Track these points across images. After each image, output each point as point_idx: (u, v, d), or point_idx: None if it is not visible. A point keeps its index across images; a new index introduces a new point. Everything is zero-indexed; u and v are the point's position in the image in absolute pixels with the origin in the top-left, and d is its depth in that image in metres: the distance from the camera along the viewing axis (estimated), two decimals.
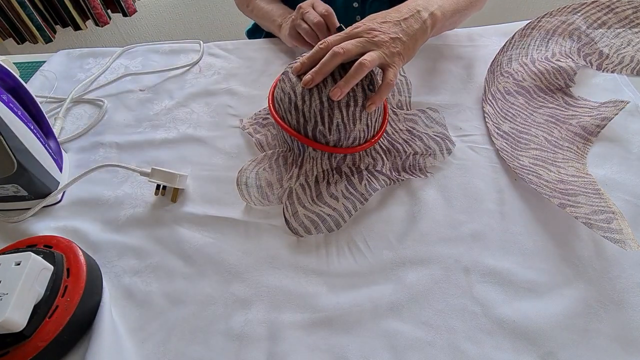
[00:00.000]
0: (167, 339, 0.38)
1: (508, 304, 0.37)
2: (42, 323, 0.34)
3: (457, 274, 0.40)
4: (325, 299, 0.39)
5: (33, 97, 0.50)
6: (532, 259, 0.40)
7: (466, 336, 0.36)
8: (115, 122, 0.60)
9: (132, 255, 0.44)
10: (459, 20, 0.59)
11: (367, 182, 0.46)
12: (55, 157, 0.50)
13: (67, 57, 0.73)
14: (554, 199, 0.42)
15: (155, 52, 0.72)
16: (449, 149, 0.49)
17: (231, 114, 0.59)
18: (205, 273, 0.42)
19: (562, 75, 0.56)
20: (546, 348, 0.34)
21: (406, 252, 0.42)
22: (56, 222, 0.47)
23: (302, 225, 0.44)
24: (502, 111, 0.54)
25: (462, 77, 0.59)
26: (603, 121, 0.50)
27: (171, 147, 0.55)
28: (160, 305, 0.40)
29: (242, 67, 0.67)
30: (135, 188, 0.51)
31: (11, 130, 0.42)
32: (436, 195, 0.46)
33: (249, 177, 0.48)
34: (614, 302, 0.36)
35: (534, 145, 0.49)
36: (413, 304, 0.38)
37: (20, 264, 0.34)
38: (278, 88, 0.47)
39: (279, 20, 0.66)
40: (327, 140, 0.44)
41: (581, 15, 0.62)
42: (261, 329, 0.38)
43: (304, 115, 0.44)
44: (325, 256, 0.42)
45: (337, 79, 0.43)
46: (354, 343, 0.36)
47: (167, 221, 0.47)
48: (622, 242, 0.37)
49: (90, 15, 1.35)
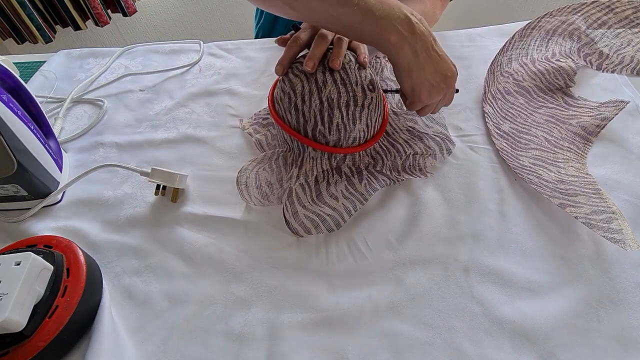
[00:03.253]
0: (167, 339, 0.38)
1: (508, 304, 0.37)
2: (42, 323, 0.34)
3: (457, 274, 0.40)
4: (325, 299, 0.39)
5: (33, 97, 0.50)
6: (532, 259, 0.40)
7: (466, 336, 0.36)
8: (115, 122, 0.60)
9: (132, 255, 0.44)
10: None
11: (367, 182, 0.46)
12: (55, 157, 0.50)
13: (67, 57, 0.73)
14: (554, 199, 0.42)
15: (155, 52, 0.72)
16: (449, 149, 0.49)
17: (231, 114, 0.59)
18: (205, 273, 0.42)
19: (562, 75, 0.56)
20: (546, 348, 0.34)
21: (406, 252, 0.42)
22: (56, 222, 0.47)
23: (302, 225, 0.44)
24: (502, 111, 0.54)
25: (462, 77, 0.59)
26: (603, 121, 0.50)
27: (171, 147, 0.55)
28: (160, 305, 0.40)
29: (242, 67, 0.67)
30: (135, 188, 0.51)
31: (11, 130, 0.42)
32: (436, 195, 0.46)
33: (249, 177, 0.48)
34: (614, 302, 0.36)
35: (534, 145, 0.49)
36: (413, 304, 0.38)
37: (20, 264, 0.34)
38: (278, 88, 0.47)
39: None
40: (327, 140, 0.44)
41: (581, 16, 0.62)
42: (261, 329, 0.38)
43: (304, 115, 0.44)
44: (325, 256, 0.42)
45: (336, 79, 0.43)
46: (354, 343, 0.36)
47: (167, 221, 0.47)
48: (622, 242, 0.37)
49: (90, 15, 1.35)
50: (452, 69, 0.44)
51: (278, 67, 0.46)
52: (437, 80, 0.44)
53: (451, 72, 0.44)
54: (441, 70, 0.43)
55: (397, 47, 0.41)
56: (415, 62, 0.42)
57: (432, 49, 0.42)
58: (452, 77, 0.45)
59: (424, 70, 0.43)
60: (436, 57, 0.43)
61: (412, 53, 0.42)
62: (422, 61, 0.42)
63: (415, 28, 0.41)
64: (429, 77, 0.43)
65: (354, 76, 0.44)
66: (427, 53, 0.42)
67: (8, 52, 1.40)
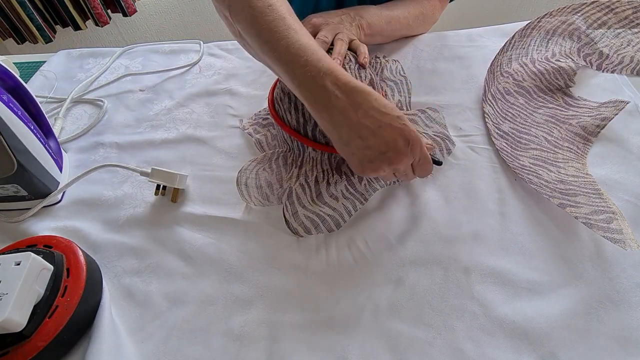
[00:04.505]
0: (167, 339, 0.38)
1: (508, 304, 0.37)
2: (42, 323, 0.34)
3: (457, 274, 0.40)
4: (325, 299, 0.39)
5: (33, 97, 0.50)
6: (532, 259, 0.40)
7: (466, 336, 0.36)
8: (115, 122, 0.60)
9: (132, 255, 0.44)
10: (389, 37, 0.63)
11: (367, 182, 0.46)
12: (55, 157, 0.50)
13: (67, 57, 0.73)
14: (554, 199, 0.42)
15: (155, 52, 0.72)
16: (449, 149, 0.49)
17: (231, 114, 0.59)
18: (205, 273, 0.42)
19: (562, 75, 0.56)
20: (546, 348, 0.34)
21: (406, 252, 0.42)
22: (56, 222, 0.47)
23: (302, 225, 0.44)
24: (502, 111, 0.54)
25: (462, 77, 0.59)
26: (603, 121, 0.50)
27: (171, 147, 0.55)
28: (160, 305, 0.40)
29: (242, 67, 0.67)
30: (135, 188, 0.50)
31: (11, 130, 0.42)
32: (436, 196, 0.46)
33: (249, 177, 0.48)
34: (614, 302, 0.36)
35: (534, 145, 0.49)
36: (413, 304, 0.38)
37: (20, 264, 0.34)
38: (278, 88, 0.47)
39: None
40: (327, 140, 0.44)
41: (581, 16, 0.62)
42: (261, 329, 0.38)
43: (304, 115, 0.44)
44: (325, 256, 0.42)
45: None
46: (354, 343, 0.36)
47: (167, 221, 0.47)
48: (622, 242, 0.37)
49: (90, 15, 1.35)
50: (397, 142, 0.35)
51: None
52: (369, 156, 0.36)
53: (394, 146, 0.35)
54: (377, 145, 0.35)
55: (313, 114, 0.36)
56: (336, 134, 0.36)
57: (365, 117, 0.34)
58: (396, 153, 0.35)
59: (349, 145, 0.36)
60: (370, 127, 0.35)
61: (330, 125, 0.35)
62: (345, 135, 0.35)
63: (331, 98, 0.34)
64: (358, 153, 0.36)
65: (354, 76, 0.44)
66: (350, 126, 0.35)
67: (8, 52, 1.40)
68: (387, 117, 0.35)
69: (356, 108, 0.34)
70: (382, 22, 0.57)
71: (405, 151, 0.35)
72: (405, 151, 0.35)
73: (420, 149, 0.36)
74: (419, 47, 0.65)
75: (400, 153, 0.35)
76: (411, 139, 0.35)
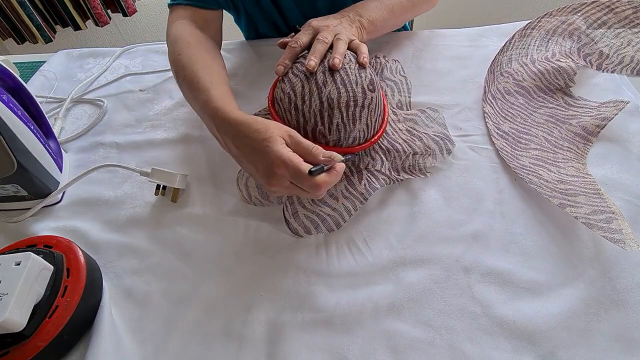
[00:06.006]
0: (167, 339, 0.38)
1: (508, 304, 0.37)
2: (42, 323, 0.34)
3: (457, 274, 0.40)
4: (325, 299, 0.39)
5: (33, 97, 0.50)
6: (532, 259, 0.40)
7: (466, 336, 0.36)
8: (115, 122, 0.60)
9: (132, 255, 0.44)
10: (396, 25, 0.63)
11: (367, 181, 0.46)
12: (55, 157, 0.50)
13: (67, 57, 0.73)
14: (554, 199, 0.42)
15: (155, 52, 0.72)
16: (449, 149, 0.49)
17: None
18: (205, 273, 0.42)
19: (562, 75, 0.56)
20: (546, 348, 0.34)
21: (406, 252, 0.42)
22: (56, 222, 0.47)
23: (302, 225, 0.44)
24: (502, 111, 0.54)
25: (462, 77, 0.59)
26: (603, 121, 0.50)
27: (171, 147, 0.55)
28: (160, 305, 0.40)
29: (242, 67, 0.67)
30: (135, 188, 0.50)
31: (11, 130, 0.42)
32: (436, 196, 0.46)
33: (249, 177, 0.48)
34: (614, 302, 0.36)
35: (534, 145, 0.49)
36: (413, 304, 0.38)
37: (20, 264, 0.34)
38: (278, 88, 0.47)
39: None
40: (327, 140, 0.44)
41: (581, 15, 0.62)
42: (261, 329, 0.38)
43: (304, 115, 0.44)
44: (325, 256, 0.42)
45: (336, 80, 0.43)
46: (354, 343, 0.36)
47: (167, 221, 0.47)
48: (622, 242, 0.37)
49: (90, 15, 1.35)
50: (261, 165, 0.37)
51: (278, 67, 0.46)
52: (257, 179, 0.41)
53: (261, 169, 0.37)
54: (250, 170, 0.40)
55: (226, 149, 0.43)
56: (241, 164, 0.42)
57: (242, 146, 0.39)
58: (263, 175, 0.37)
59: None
60: (245, 155, 0.39)
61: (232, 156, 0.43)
62: (246, 163, 0.40)
63: (220, 130, 0.42)
64: (252, 176, 0.42)
65: (354, 76, 0.44)
66: (234, 156, 0.43)
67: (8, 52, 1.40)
68: (254, 142, 0.37)
69: (237, 140, 0.40)
70: (383, 13, 0.57)
71: (271, 172, 0.37)
72: (270, 172, 0.37)
73: (285, 167, 0.36)
74: (419, 47, 0.65)
75: (267, 175, 0.37)
76: (271, 159, 0.36)
